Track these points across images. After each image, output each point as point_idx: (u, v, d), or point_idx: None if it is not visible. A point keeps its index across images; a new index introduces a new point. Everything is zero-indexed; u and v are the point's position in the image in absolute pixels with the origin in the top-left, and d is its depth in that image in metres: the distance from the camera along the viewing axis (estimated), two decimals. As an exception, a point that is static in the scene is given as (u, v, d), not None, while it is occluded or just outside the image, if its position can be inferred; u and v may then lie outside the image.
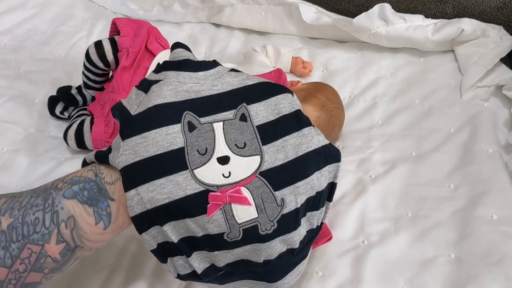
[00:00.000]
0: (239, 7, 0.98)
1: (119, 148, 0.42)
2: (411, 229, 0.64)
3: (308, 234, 0.46)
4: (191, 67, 0.47)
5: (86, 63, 0.76)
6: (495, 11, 0.89)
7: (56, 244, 0.41)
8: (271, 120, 0.45)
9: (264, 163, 0.42)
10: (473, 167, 0.70)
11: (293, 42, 0.98)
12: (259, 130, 0.44)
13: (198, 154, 0.42)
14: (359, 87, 0.88)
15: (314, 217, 0.46)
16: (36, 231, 0.40)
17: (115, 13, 1.08)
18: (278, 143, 0.44)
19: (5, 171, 0.75)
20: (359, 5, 0.95)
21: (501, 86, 0.82)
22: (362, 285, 0.59)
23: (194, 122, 0.43)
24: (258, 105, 0.45)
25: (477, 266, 0.59)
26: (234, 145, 0.43)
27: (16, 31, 1.02)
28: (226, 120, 0.44)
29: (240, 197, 0.41)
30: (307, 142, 0.45)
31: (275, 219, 0.42)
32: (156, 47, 0.79)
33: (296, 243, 0.44)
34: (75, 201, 0.41)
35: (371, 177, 0.72)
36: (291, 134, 0.44)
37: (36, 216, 0.41)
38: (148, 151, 0.41)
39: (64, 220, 0.41)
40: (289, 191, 0.43)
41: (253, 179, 0.42)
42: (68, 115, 0.84)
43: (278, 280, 0.46)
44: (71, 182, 0.43)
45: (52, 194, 0.42)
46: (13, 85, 0.89)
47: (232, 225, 0.41)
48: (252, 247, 0.43)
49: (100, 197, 0.42)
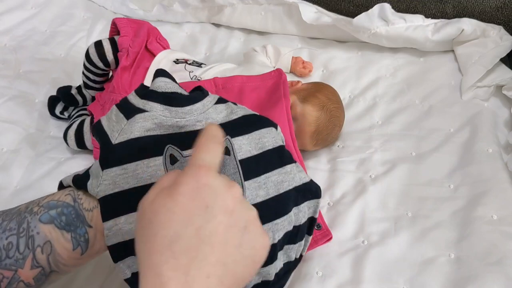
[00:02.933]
0: (239, 7, 0.98)
1: (98, 177, 0.42)
2: (411, 229, 0.64)
3: (285, 266, 0.46)
4: (179, 101, 0.46)
5: (86, 63, 0.76)
6: (495, 11, 0.89)
7: (31, 269, 0.40)
8: (254, 154, 0.45)
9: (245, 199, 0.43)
10: (473, 167, 0.70)
11: (293, 42, 0.98)
12: (242, 164, 0.44)
13: None
14: (359, 87, 0.88)
15: (291, 250, 0.46)
16: (9, 256, 0.39)
17: (115, 13, 1.08)
18: (261, 179, 0.44)
19: (5, 171, 0.75)
20: (359, 5, 0.95)
21: (501, 86, 0.82)
22: (362, 285, 0.59)
23: (176, 155, 0.43)
24: (242, 138, 0.45)
25: (477, 266, 0.59)
26: None
27: (16, 31, 1.02)
28: None
29: None
30: (289, 180, 0.45)
31: None
32: (156, 47, 0.79)
33: (271, 276, 0.44)
34: (52, 226, 0.40)
35: (371, 177, 0.72)
36: (274, 170, 0.45)
37: (9, 240, 0.39)
38: (128, 183, 0.41)
39: (40, 245, 0.40)
40: (267, 228, 0.43)
41: None
42: (68, 115, 0.84)
43: None
44: (48, 206, 0.42)
45: (27, 218, 0.41)
46: (13, 85, 0.89)
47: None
48: None
49: (78, 223, 0.41)
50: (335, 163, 0.75)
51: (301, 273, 0.61)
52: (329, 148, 0.78)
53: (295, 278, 0.61)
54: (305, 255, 0.62)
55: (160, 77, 0.48)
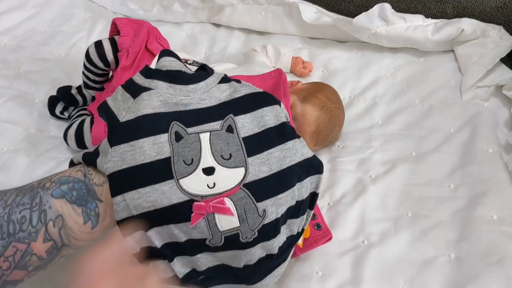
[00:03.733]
0: (239, 7, 0.98)
1: (107, 154, 0.43)
2: (411, 229, 0.64)
3: (288, 240, 0.47)
4: (183, 80, 0.48)
5: (86, 63, 0.76)
6: (495, 11, 0.89)
7: (43, 242, 0.41)
8: (257, 132, 0.46)
9: (248, 175, 0.43)
10: (473, 167, 0.70)
11: (293, 42, 0.98)
12: (244, 142, 0.45)
13: (184, 164, 0.43)
14: (359, 87, 0.88)
15: (294, 225, 0.47)
16: (23, 229, 0.40)
17: (115, 13, 1.08)
18: (263, 155, 0.45)
19: (5, 171, 0.75)
20: (359, 5, 0.95)
21: (501, 86, 0.82)
22: (362, 285, 0.59)
23: (181, 132, 0.44)
24: (245, 117, 0.46)
25: (477, 266, 0.59)
26: (220, 156, 0.43)
27: (16, 31, 1.02)
28: (213, 130, 0.45)
29: (223, 208, 0.42)
30: (291, 156, 0.46)
31: (256, 229, 0.43)
32: (156, 47, 0.79)
33: (275, 249, 0.45)
34: (63, 200, 0.42)
35: (371, 177, 0.72)
36: (276, 147, 0.46)
37: (22, 214, 0.41)
38: (135, 160, 0.42)
39: (52, 219, 0.41)
40: (271, 203, 0.44)
41: (237, 191, 0.43)
42: (68, 115, 0.84)
43: (257, 282, 0.47)
44: (59, 181, 0.43)
45: (40, 193, 0.42)
46: (13, 85, 0.89)
47: (215, 232, 0.42)
48: (233, 253, 0.44)
49: (89, 198, 0.42)
50: (335, 163, 0.75)
51: (301, 273, 0.61)
52: (329, 148, 0.78)
53: (295, 278, 0.61)
54: (305, 255, 0.63)
55: (165, 56, 0.49)
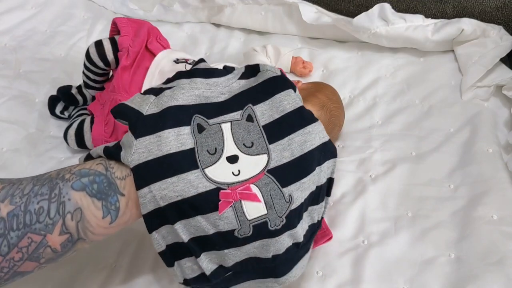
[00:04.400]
0: (239, 7, 0.98)
1: (131, 146, 0.43)
2: (411, 229, 0.64)
3: (310, 228, 0.47)
4: (202, 73, 0.49)
5: (86, 63, 0.76)
6: (495, 11, 0.89)
7: (59, 235, 0.41)
8: (276, 118, 0.46)
9: (271, 161, 0.44)
10: (473, 167, 0.70)
11: (293, 42, 0.98)
12: (265, 129, 0.45)
13: (208, 154, 0.43)
14: (359, 87, 0.88)
15: (315, 212, 0.48)
16: (40, 220, 0.40)
17: (115, 13, 1.08)
18: (284, 141, 0.45)
19: (5, 171, 0.75)
20: (359, 5, 0.95)
21: (501, 86, 0.82)
22: (362, 285, 0.59)
23: (203, 124, 0.45)
24: (263, 105, 0.47)
25: (477, 266, 0.59)
26: (242, 144, 0.44)
27: (16, 31, 1.02)
28: (234, 121, 0.45)
29: (250, 194, 0.43)
30: (311, 140, 0.46)
31: (284, 215, 0.43)
32: (156, 47, 0.79)
33: (300, 237, 0.45)
34: (83, 193, 0.41)
35: (371, 177, 0.72)
36: (296, 132, 0.46)
37: (40, 205, 0.40)
38: (161, 150, 0.43)
39: (71, 212, 0.41)
40: (296, 187, 0.44)
41: (262, 177, 0.43)
42: (68, 115, 0.84)
43: (285, 274, 0.47)
44: (79, 174, 0.42)
45: (59, 184, 0.41)
46: (13, 85, 0.89)
47: (243, 221, 0.42)
48: (261, 243, 0.44)
49: (110, 192, 0.42)
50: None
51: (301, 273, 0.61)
52: (329, 148, 0.78)
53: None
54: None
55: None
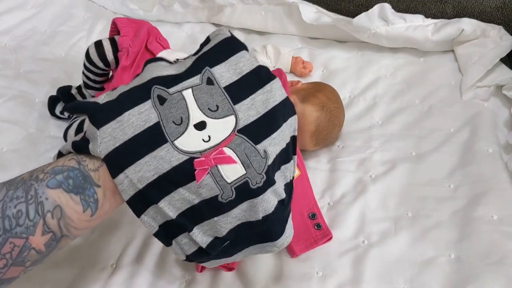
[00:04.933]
0: (239, 7, 0.98)
1: (96, 137, 0.42)
2: (411, 229, 0.64)
3: (286, 187, 0.47)
4: (156, 60, 0.49)
5: (86, 63, 0.76)
6: (495, 11, 0.89)
7: (42, 235, 0.40)
8: (235, 80, 0.46)
9: (239, 121, 0.44)
10: (473, 167, 0.70)
11: (293, 42, 0.98)
12: (227, 91, 0.45)
13: (175, 125, 0.43)
14: (359, 87, 0.88)
15: (287, 170, 0.47)
16: (19, 224, 0.39)
17: (115, 13, 1.08)
18: (247, 101, 0.45)
19: (5, 171, 0.75)
20: (359, 5, 0.95)
21: (501, 86, 0.82)
22: (362, 285, 0.59)
23: (164, 94, 0.44)
24: (220, 67, 0.46)
25: (477, 266, 0.59)
26: (208, 109, 0.43)
27: (16, 31, 1.02)
28: (194, 86, 0.44)
29: (224, 157, 0.42)
30: (272, 97, 0.46)
31: (263, 171, 0.43)
32: (156, 47, 0.79)
33: (283, 193, 0.45)
34: (60, 190, 0.41)
35: (371, 177, 0.72)
36: (257, 91, 0.46)
37: (18, 208, 0.40)
38: (126, 134, 0.42)
39: (50, 211, 0.40)
40: (268, 143, 0.44)
41: (233, 138, 0.43)
42: (68, 115, 0.84)
43: (280, 236, 0.47)
44: (53, 172, 0.42)
45: (34, 185, 0.41)
46: (13, 85, 0.89)
47: (223, 185, 0.42)
48: (248, 204, 0.43)
49: (86, 185, 0.42)
50: (335, 163, 0.75)
51: (301, 273, 0.61)
52: (329, 148, 0.78)
53: (295, 278, 0.61)
54: (305, 255, 0.63)
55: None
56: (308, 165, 0.75)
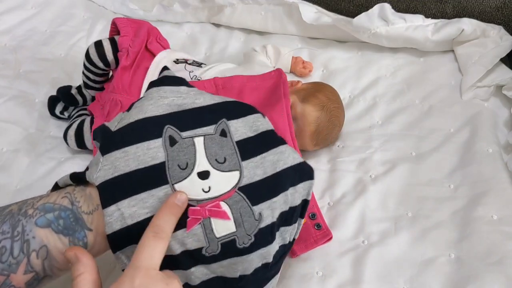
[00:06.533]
0: (239, 7, 0.98)
1: (98, 163, 0.41)
2: (411, 229, 0.64)
3: (280, 249, 0.46)
4: (172, 81, 0.47)
5: (86, 63, 0.76)
6: (495, 11, 0.89)
7: (24, 274, 0.38)
8: (250, 136, 0.46)
9: (243, 178, 0.43)
10: (473, 167, 0.70)
11: (293, 42, 0.98)
12: (238, 145, 0.44)
13: (179, 169, 0.42)
14: (359, 87, 0.88)
15: (286, 233, 0.46)
16: (2, 260, 0.38)
17: (115, 13, 1.08)
18: (257, 159, 0.44)
19: (5, 171, 0.75)
20: (359, 5, 0.95)
21: (501, 86, 0.82)
22: (362, 285, 0.59)
23: (176, 137, 0.43)
24: (237, 121, 0.46)
25: (477, 266, 0.59)
26: (215, 160, 0.43)
27: (16, 31, 1.02)
28: (207, 135, 0.44)
29: (220, 212, 0.41)
30: (284, 159, 0.45)
31: (253, 233, 0.42)
32: (156, 47, 0.79)
33: (270, 257, 0.44)
34: (49, 230, 0.39)
35: (371, 177, 0.72)
36: (269, 151, 0.45)
37: (3, 244, 0.38)
38: (128, 166, 0.41)
39: (36, 250, 0.39)
40: (266, 206, 0.43)
41: (232, 194, 0.42)
42: (68, 115, 0.84)
43: None
44: (43, 209, 0.40)
45: (22, 221, 0.39)
46: (13, 85, 0.89)
47: (211, 239, 0.41)
48: (230, 261, 0.42)
49: (77, 227, 0.40)
50: (335, 163, 0.75)
51: (301, 273, 0.61)
52: (329, 148, 0.78)
53: (295, 278, 0.61)
54: (305, 255, 0.63)
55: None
56: (308, 165, 0.75)
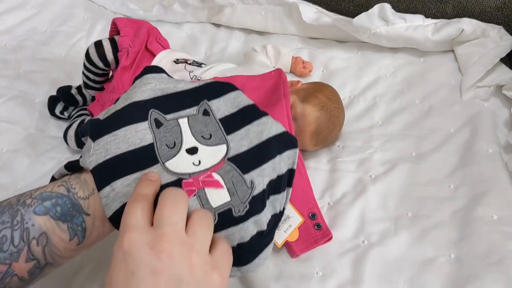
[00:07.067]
0: (239, 7, 0.98)
1: (90, 149, 0.42)
2: (411, 229, 0.64)
3: (272, 218, 0.47)
4: (153, 70, 0.49)
5: (86, 63, 0.76)
6: (495, 11, 0.89)
7: (25, 262, 0.39)
8: (232, 112, 0.47)
9: (230, 150, 0.44)
10: (473, 167, 0.70)
11: (293, 42, 0.98)
12: (222, 122, 0.46)
13: (168, 148, 0.43)
14: (359, 87, 0.88)
15: (277, 201, 0.47)
16: (3, 249, 0.39)
17: (115, 13, 1.08)
18: (241, 131, 0.46)
19: (5, 171, 0.75)
20: (359, 5, 0.95)
21: (501, 86, 0.82)
22: (362, 285, 0.59)
23: (160, 119, 0.45)
24: (218, 100, 0.48)
25: (477, 266, 0.59)
26: (201, 136, 0.45)
27: (16, 31, 1.02)
28: (190, 116, 0.46)
29: (213, 181, 0.43)
30: (268, 129, 0.47)
31: (247, 201, 0.43)
32: (156, 47, 0.79)
33: (264, 225, 0.45)
34: (47, 217, 0.40)
35: (371, 177, 0.72)
36: (252, 123, 0.47)
37: (3, 234, 0.39)
38: (119, 148, 0.42)
39: (35, 237, 0.39)
40: (256, 174, 0.44)
41: (222, 165, 0.44)
42: (68, 115, 0.84)
43: (248, 263, 0.46)
44: (41, 197, 0.41)
45: (21, 211, 0.40)
46: (13, 85, 0.89)
47: (208, 210, 0.42)
48: (226, 232, 0.43)
49: (74, 213, 0.41)
50: (335, 163, 0.75)
51: (301, 273, 0.61)
52: (329, 148, 0.78)
53: (295, 278, 0.61)
54: (305, 255, 0.63)
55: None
56: (308, 165, 0.75)
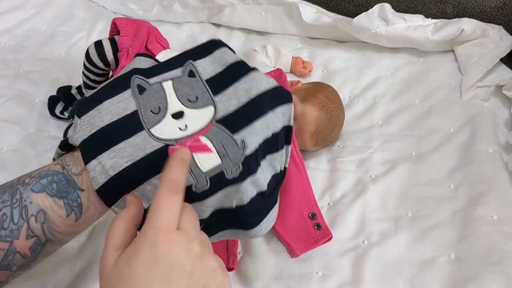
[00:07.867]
0: (239, 7, 0.98)
1: (76, 126, 0.43)
2: (411, 229, 0.64)
3: (273, 178, 0.46)
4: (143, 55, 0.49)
5: (86, 63, 0.76)
6: (495, 11, 0.89)
7: (26, 239, 0.40)
8: (219, 71, 0.46)
9: (218, 111, 0.43)
10: (473, 167, 0.70)
11: (293, 42, 0.98)
12: (208, 83, 0.45)
13: (152, 114, 0.42)
14: (359, 87, 0.88)
15: (275, 160, 0.46)
16: (4, 227, 0.40)
17: (115, 13, 1.08)
18: (229, 90, 0.44)
19: (5, 171, 0.75)
20: (359, 5, 0.95)
21: (501, 86, 0.82)
22: (362, 285, 0.59)
23: (143, 84, 0.44)
24: (204, 60, 0.46)
25: (477, 266, 0.59)
26: (187, 99, 0.43)
27: (16, 31, 1.02)
28: (175, 78, 0.44)
29: (200, 145, 0.42)
30: (257, 85, 0.45)
31: (240, 161, 0.42)
32: (156, 47, 0.79)
33: (264, 185, 0.44)
34: (44, 194, 0.41)
35: (371, 177, 0.72)
36: (240, 80, 0.45)
37: (3, 212, 0.40)
38: (103, 121, 0.42)
39: (34, 214, 0.40)
40: (247, 132, 0.43)
41: (210, 128, 0.42)
42: (68, 115, 0.84)
43: (253, 227, 0.46)
44: (38, 176, 0.42)
45: (20, 189, 0.41)
46: (13, 85, 0.89)
47: (198, 175, 0.41)
48: (222, 193, 0.42)
49: (69, 189, 0.42)
50: (335, 163, 0.75)
51: (301, 273, 0.61)
52: (329, 148, 0.78)
53: (295, 278, 0.61)
54: (305, 255, 0.63)
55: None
56: (308, 165, 0.75)
